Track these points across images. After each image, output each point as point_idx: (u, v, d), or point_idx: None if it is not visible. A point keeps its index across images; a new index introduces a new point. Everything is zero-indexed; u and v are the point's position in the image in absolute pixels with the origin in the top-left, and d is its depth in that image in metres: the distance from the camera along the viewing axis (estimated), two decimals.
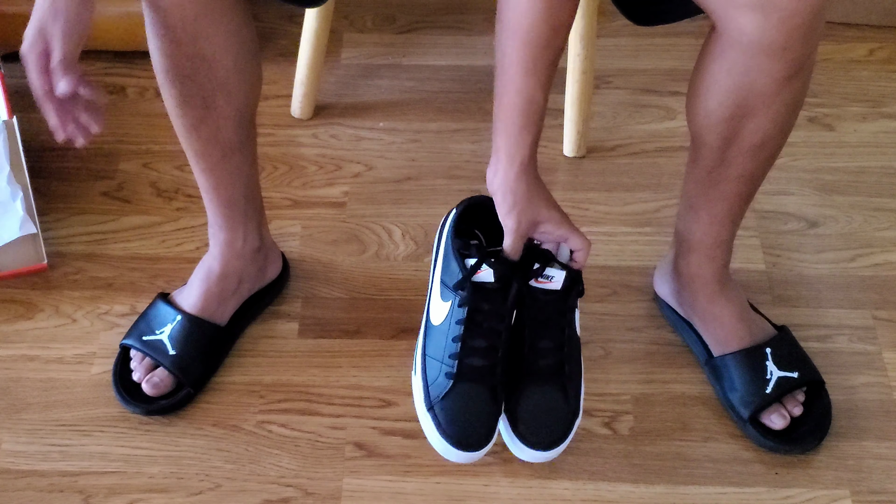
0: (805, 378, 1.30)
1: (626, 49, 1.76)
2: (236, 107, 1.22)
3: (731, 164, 1.19)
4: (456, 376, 1.18)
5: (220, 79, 1.18)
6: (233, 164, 1.27)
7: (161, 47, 1.15)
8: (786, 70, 1.06)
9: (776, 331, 1.34)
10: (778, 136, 1.17)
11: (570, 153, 1.62)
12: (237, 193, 1.31)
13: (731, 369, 1.30)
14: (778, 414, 1.28)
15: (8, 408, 1.33)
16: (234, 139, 1.24)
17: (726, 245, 1.30)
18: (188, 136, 1.23)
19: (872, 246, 1.51)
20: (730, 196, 1.23)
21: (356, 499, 1.25)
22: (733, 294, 1.33)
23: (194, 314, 1.34)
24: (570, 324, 1.23)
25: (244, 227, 1.34)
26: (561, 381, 1.21)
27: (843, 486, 1.26)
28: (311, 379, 1.36)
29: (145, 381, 1.31)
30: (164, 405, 1.31)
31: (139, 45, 1.69)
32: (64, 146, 1.60)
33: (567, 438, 1.21)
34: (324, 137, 1.64)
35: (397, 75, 1.74)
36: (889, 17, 1.79)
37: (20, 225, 1.40)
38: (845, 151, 1.63)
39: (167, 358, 1.31)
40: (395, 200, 1.56)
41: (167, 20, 1.12)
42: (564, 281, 1.18)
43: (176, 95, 1.19)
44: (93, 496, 1.25)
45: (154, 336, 1.33)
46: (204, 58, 1.15)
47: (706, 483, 1.27)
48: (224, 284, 1.35)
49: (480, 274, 1.17)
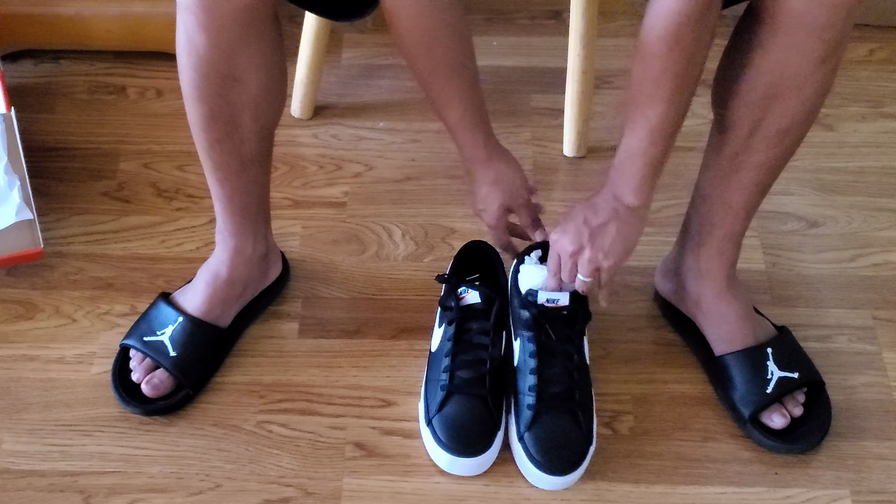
0: (805, 378, 1.30)
1: (626, 49, 1.76)
2: (262, 124, 1.22)
3: (755, 151, 1.19)
4: (448, 388, 1.26)
5: (250, 98, 1.18)
6: (250, 176, 1.27)
7: (195, 66, 1.14)
8: (823, 50, 1.07)
9: (777, 331, 1.35)
10: (804, 122, 1.17)
11: (570, 153, 1.62)
12: (251, 203, 1.31)
13: (732, 369, 1.30)
14: (778, 413, 1.28)
15: (8, 408, 1.33)
16: (254, 152, 1.25)
17: (737, 240, 1.30)
18: (209, 150, 1.23)
19: (872, 246, 1.51)
20: (748, 186, 1.23)
21: (356, 499, 1.25)
22: (739, 293, 1.34)
23: (197, 317, 1.33)
24: (580, 350, 1.28)
25: (254, 234, 1.34)
26: (572, 406, 1.24)
27: (843, 486, 1.26)
28: (311, 379, 1.36)
29: (145, 381, 1.31)
30: (163, 406, 1.31)
31: (139, 45, 1.70)
32: (64, 146, 1.61)
33: (583, 463, 1.23)
34: (324, 137, 1.64)
35: (397, 75, 1.74)
36: (889, 17, 1.79)
37: (17, 211, 1.40)
38: (845, 151, 1.63)
39: (167, 359, 1.31)
40: (395, 200, 1.56)
41: (205, 40, 1.11)
42: (570, 301, 1.27)
43: (205, 113, 1.18)
44: (93, 496, 1.25)
45: (155, 337, 1.32)
46: (236, 78, 1.15)
47: (706, 483, 1.27)
48: (230, 290, 1.35)
49: (468, 297, 1.31)
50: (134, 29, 1.68)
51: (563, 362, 1.26)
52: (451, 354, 1.28)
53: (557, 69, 1.65)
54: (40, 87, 1.69)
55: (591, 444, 1.24)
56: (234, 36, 1.11)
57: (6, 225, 1.39)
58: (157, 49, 1.70)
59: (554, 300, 1.27)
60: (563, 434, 1.24)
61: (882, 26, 1.80)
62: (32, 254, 1.41)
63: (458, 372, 1.27)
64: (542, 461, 1.22)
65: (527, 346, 1.27)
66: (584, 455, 1.23)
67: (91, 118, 1.66)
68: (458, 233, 1.51)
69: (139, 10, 1.66)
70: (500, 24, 1.80)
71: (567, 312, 1.28)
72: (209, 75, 1.14)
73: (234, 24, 1.10)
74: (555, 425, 1.24)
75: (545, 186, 1.57)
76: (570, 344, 1.27)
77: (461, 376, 1.27)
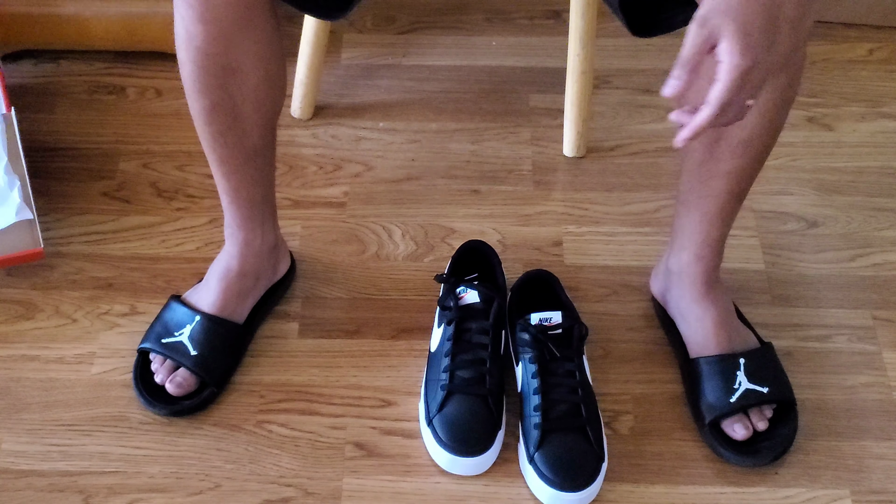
0: (775, 395, 1.28)
1: (625, 49, 1.76)
2: (264, 114, 1.22)
3: (720, 159, 1.19)
4: (448, 387, 1.26)
5: (250, 89, 1.18)
6: (255, 168, 1.27)
7: (194, 59, 1.14)
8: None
9: (760, 345, 1.34)
10: (765, 134, 1.17)
11: (569, 153, 1.62)
12: (257, 194, 1.31)
13: (702, 373, 1.30)
14: (741, 424, 1.27)
15: (8, 408, 1.33)
16: (258, 144, 1.25)
17: (716, 246, 1.30)
18: (213, 143, 1.23)
19: (872, 246, 1.51)
20: (720, 193, 1.23)
21: (356, 499, 1.25)
22: (719, 298, 1.33)
23: (213, 314, 1.33)
24: (581, 367, 1.28)
25: (262, 226, 1.34)
26: (580, 423, 1.24)
27: (843, 486, 1.26)
28: (311, 379, 1.36)
29: (168, 381, 1.30)
30: (189, 405, 1.30)
31: (139, 45, 1.70)
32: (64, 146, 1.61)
33: (597, 478, 1.23)
34: (324, 137, 1.64)
35: (397, 75, 1.74)
36: (888, 17, 1.79)
37: (17, 211, 1.40)
38: (844, 151, 1.63)
39: (189, 358, 1.31)
40: (395, 200, 1.56)
41: (203, 33, 1.11)
42: (564, 320, 1.29)
43: (206, 106, 1.18)
44: (93, 496, 1.25)
45: (174, 338, 1.32)
46: (236, 69, 1.15)
47: (706, 483, 1.27)
48: (243, 282, 1.35)
49: (466, 297, 1.32)
50: (133, 29, 1.68)
51: (565, 380, 1.26)
52: (451, 354, 1.28)
53: (557, 69, 1.65)
54: (40, 87, 1.69)
55: (602, 461, 1.24)
56: (232, 26, 1.11)
57: (6, 225, 1.40)
58: (157, 49, 1.70)
59: (547, 319, 1.28)
60: (574, 451, 1.23)
61: (881, 26, 1.80)
62: (32, 254, 1.41)
63: (457, 371, 1.27)
64: (555, 479, 1.22)
65: (528, 367, 1.27)
66: (597, 470, 1.23)
67: (91, 118, 1.66)
68: (457, 233, 1.51)
69: (139, 10, 1.66)
70: (500, 23, 1.80)
71: (562, 331, 1.29)
72: (209, 67, 1.14)
73: (231, 15, 1.10)
74: (564, 443, 1.23)
75: (545, 186, 1.57)
76: (571, 362, 1.28)
77: (461, 376, 1.27)
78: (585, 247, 1.50)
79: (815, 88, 1.71)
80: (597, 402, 1.29)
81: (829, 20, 1.79)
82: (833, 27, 1.80)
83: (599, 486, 1.24)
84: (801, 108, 1.67)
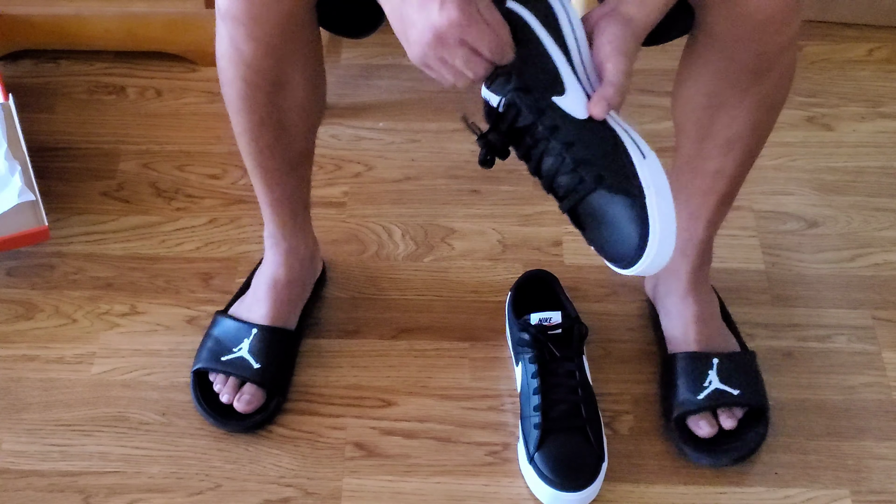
0: (745, 399, 1.27)
1: None
2: (310, 122, 1.23)
3: (707, 157, 1.20)
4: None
5: (297, 102, 1.18)
6: (298, 176, 1.28)
7: (244, 76, 1.14)
8: (754, 63, 1.09)
9: (740, 349, 1.34)
10: (751, 136, 1.18)
11: None
12: (300, 202, 1.31)
13: (676, 368, 1.30)
14: (706, 422, 1.27)
15: (8, 408, 1.33)
16: (303, 151, 1.26)
17: (701, 245, 1.30)
18: (259, 157, 1.23)
19: (872, 246, 1.51)
20: (706, 192, 1.24)
21: (356, 499, 1.25)
22: (703, 298, 1.34)
23: (269, 324, 1.33)
24: (581, 367, 1.28)
25: (304, 233, 1.35)
26: (580, 423, 1.24)
27: (843, 486, 1.26)
28: (311, 379, 1.36)
29: (236, 400, 1.29)
30: (260, 419, 1.30)
31: (139, 45, 1.71)
32: (64, 146, 1.61)
33: (597, 478, 1.23)
34: (324, 137, 1.64)
35: (397, 75, 1.74)
36: (888, 17, 1.80)
37: (19, 193, 1.40)
38: (844, 151, 1.63)
39: (253, 372, 1.30)
40: (395, 200, 1.56)
41: (254, 50, 1.11)
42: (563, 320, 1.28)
43: (255, 121, 1.18)
44: (93, 496, 1.25)
45: (233, 354, 1.31)
46: (285, 83, 1.15)
47: (706, 483, 1.27)
48: (291, 290, 1.35)
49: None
50: (133, 29, 1.68)
51: (565, 380, 1.26)
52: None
53: None
54: (40, 87, 1.69)
55: (602, 461, 1.24)
56: (281, 42, 1.11)
57: (8, 207, 1.39)
58: (157, 49, 1.70)
59: (547, 319, 1.28)
60: (574, 451, 1.23)
61: (881, 26, 1.80)
62: (37, 232, 1.40)
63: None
64: (555, 479, 1.22)
65: (528, 367, 1.27)
66: (597, 470, 1.23)
67: (91, 118, 1.66)
68: (457, 233, 1.51)
69: (139, 10, 1.66)
70: None
71: (562, 331, 1.28)
72: (259, 84, 1.14)
73: (281, 31, 1.10)
74: (564, 443, 1.23)
75: None
76: (571, 362, 1.27)
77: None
78: (585, 247, 1.47)
79: (815, 88, 1.71)
80: (597, 402, 1.29)
81: (829, 20, 1.79)
82: (832, 27, 1.80)
83: (599, 486, 1.24)
84: (801, 108, 1.68)
